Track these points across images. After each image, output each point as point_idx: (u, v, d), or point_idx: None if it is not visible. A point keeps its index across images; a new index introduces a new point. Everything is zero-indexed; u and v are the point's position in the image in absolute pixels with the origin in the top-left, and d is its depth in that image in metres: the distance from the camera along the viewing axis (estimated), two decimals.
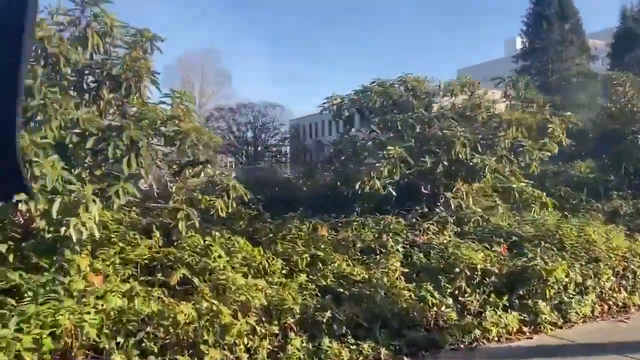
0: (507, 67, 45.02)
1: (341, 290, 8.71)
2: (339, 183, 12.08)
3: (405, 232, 10.99)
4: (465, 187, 11.72)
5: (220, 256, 8.42)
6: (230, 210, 7.80)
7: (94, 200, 6.31)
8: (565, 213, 13.69)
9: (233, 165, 67.31)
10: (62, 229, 6.13)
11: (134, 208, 9.46)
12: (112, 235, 8.39)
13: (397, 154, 9.59)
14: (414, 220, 11.64)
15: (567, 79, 44.64)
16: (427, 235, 11.03)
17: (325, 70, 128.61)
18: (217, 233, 9.08)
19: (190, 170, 8.00)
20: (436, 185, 11.94)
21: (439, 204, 11.89)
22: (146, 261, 8.15)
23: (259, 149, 75.88)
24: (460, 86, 11.77)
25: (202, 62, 75.05)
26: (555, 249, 10.83)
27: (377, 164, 9.70)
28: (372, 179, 9.59)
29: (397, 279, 9.18)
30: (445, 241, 10.86)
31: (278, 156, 78.61)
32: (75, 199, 6.22)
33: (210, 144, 7.76)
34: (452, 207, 12.00)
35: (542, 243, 11.07)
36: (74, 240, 6.21)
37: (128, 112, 7.98)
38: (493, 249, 10.71)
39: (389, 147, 9.71)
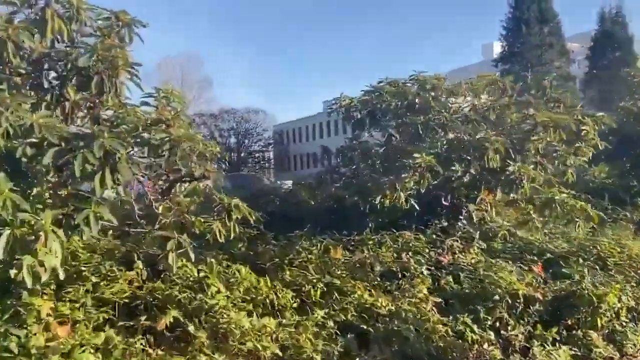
0: (487, 71, 44.06)
1: (365, 326, 7.27)
2: (347, 195, 10.58)
3: (427, 250, 9.58)
4: (490, 198, 10.31)
5: (218, 291, 6.90)
6: (232, 236, 6.26)
7: (54, 232, 4.75)
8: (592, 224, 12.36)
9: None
10: (13, 272, 4.55)
11: (110, 231, 7.87)
12: (83, 268, 6.82)
13: (424, 162, 8.14)
14: (434, 236, 10.23)
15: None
16: (454, 254, 9.60)
17: (308, 75, 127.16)
18: (212, 260, 7.55)
19: (182, 188, 6.46)
20: (457, 196, 10.51)
21: (461, 217, 10.46)
22: (126, 300, 6.59)
23: (242, 155, 74.38)
24: (484, 85, 10.35)
25: (182, 67, 73.14)
26: (597, 268, 9.50)
27: (404, 175, 8.26)
28: (397, 192, 8.11)
29: (429, 310, 7.72)
30: (473, 261, 9.45)
31: (262, 162, 77.25)
32: (31, 230, 4.66)
33: (206, 154, 6.22)
34: (475, 220, 10.61)
35: (580, 260, 9.75)
36: (29, 286, 4.64)
37: (101, 116, 6.40)
38: (527, 268, 9.36)
39: (415, 155, 8.27)
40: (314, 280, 7.85)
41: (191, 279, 7.08)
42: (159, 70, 66.56)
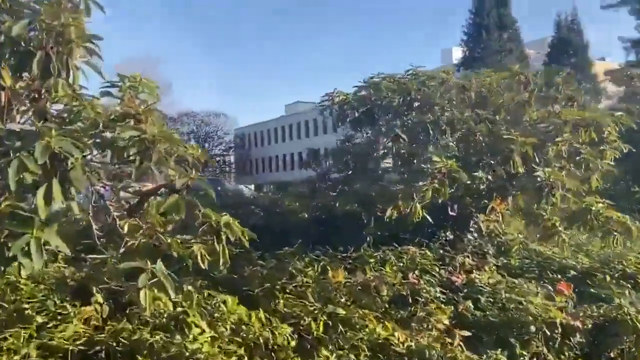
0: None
1: None
2: (339, 204, 9.22)
3: (436, 268, 8.32)
4: (502, 207, 9.11)
5: (202, 331, 5.44)
6: (222, 262, 4.81)
7: None
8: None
9: None
10: None
11: (61, 254, 6.31)
12: (25, 305, 5.28)
13: (445, 168, 6.85)
14: (441, 251, 8.99)
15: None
16: (468, 272, 8.38)
17: (271, 77, 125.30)
18: (191, 288, 6.07)
19: (156, 201, 4.98)
20: (465, 205, 9.28)
21: (470, 229, 9.24)
22: (81, 347, 5.09)
23: None
24: (498, 80, 9.12)
25: (141, 69, 70.84)
26: (629, 287, 8.41)
27: (421, 182, 6.96)
28: (412, 202, 6.80)
29: (456, 346, 6.42)
30: (491, 281, 8.24)
31: (223, 166, 75.59)
32: None
33: (187, 158, 4.76)
34: (483, 231, 9.43)
35: (607, 278, 8.66)
36: None
37: (49, 110, 4.88)
38: (551, 288, 8.19)
39: (435, 159, 6.97)
40: (315, 311, 6.49)
41: (166, 315, 5.61)
42: (117, 72, 64.28)
